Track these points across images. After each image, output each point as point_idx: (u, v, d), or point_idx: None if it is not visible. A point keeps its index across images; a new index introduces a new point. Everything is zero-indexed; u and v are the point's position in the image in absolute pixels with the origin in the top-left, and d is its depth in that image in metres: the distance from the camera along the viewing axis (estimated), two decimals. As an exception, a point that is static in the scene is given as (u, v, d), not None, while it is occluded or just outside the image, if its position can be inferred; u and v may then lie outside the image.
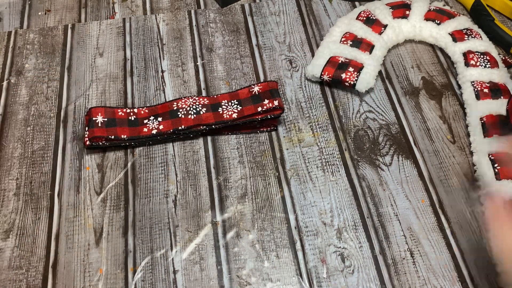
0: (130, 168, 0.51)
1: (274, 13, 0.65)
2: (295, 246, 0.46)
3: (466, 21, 0.60)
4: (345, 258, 0.45)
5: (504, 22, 0.63)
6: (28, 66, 0.59)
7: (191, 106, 0.53)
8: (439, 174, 0.50)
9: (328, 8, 0.66)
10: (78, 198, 0.48)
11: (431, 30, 0.59)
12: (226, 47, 0.61)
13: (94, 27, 0.63)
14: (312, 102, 0.56)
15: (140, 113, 0.53)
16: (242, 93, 0.55)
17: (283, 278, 0.44)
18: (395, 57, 0.60)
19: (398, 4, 0.62)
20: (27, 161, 0.51)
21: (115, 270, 0.44)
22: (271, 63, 0.60)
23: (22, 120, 0.54)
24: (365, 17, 0.61)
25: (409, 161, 0.51)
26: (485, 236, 0.41)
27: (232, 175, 0.50)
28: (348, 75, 0.55)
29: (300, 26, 0.63)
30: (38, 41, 0.62)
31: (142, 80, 0.58)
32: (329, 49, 0.58)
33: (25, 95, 0.57)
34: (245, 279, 0.44)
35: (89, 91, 0.57)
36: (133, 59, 0.60)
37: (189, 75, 0.58)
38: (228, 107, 0.53)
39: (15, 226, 0.47)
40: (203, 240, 0.46)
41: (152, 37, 0.62)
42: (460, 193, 0.49)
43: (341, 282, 0.44)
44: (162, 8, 0.66)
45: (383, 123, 0.54)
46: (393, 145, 0.52)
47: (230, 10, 0.65)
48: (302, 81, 0.58)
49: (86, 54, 0.60)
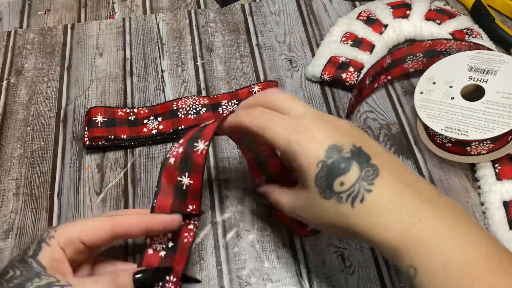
0: (130, 168, 0.50)
1: (274, 13, 0.65)
2: (295, 246, 0.45)
3: (467, 21, 0.60)
4: (345, 258, 0.45)
5: (504, 22, 0.63)
6: (28, 66, 0.59)
7: (191, 106, 0.53)
8: (440, 174, 0.50)
9: (329, 7, 0.65)
10: (78, 198, 0.48)
11: (432, 29, 0.59)
12: (226, 47, 0.61)
13: (93, 27, 0.63)
14: (312, 102, 0.56)
15: (140, 113, 0.53)
16: (242, 93, 0.55)
17: (283, 278, 0.44)
18: (395, 57, 0.60)
19: (399, 3, 0.62)
20: (26, 161, 0.51)
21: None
22: (271, 63, 0.59)
23: (22, 120, 0.54)
24: (366, 16, 0.61)
25: (410, 161, 0.51)
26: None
27: (232, 175, 0.50)
28: (348, 75, 0.55)
29: (300, 26, 0.63)
30: (38, 41, 0.62)
31: (142, 80, 0.58)
32: (330, 49, 0.58)
33: (25, 95, 0.57)
34: (245, 280, 0.44)
35: (89, 91, 0.57)
36: (133, 59, 0.60)
37: (189, 75, 0.58)
38: (228, 107, 0.53)
39: (15, 226, 0.47)
40: (203, 240, 0.46)
41: (152, 37, 0.62)
42: (460, 193, 0.49)
43: (341, 282, 0.43)
44: (162, 8, 0.65)
45: (383, 123, 0.54)
46: (393, 145, 0.52)
47: (230, 10, 0.65)
48: (302, 81, 0.58)
49: (86, 54, 0.60)
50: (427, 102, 0.49)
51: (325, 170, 0.34)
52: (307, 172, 0.34)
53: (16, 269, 0.34)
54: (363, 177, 0.33)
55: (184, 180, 0.39)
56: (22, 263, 0.34)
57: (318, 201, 0.34)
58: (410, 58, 0.54)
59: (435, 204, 0.33)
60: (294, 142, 0.34)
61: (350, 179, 0.33)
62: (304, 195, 0.36)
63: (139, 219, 0.37)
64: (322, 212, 0.34)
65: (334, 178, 0.33)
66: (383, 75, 0.53)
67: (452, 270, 0.30)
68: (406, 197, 0.33)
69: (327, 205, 0.34)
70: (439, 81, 0.50)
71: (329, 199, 0.34)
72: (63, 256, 0.35)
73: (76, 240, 0.36)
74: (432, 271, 0.31)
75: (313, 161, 0.34)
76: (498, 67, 0.49)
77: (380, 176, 0.33)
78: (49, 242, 0.35)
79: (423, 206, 0.32)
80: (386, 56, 0.52)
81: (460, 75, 0.50)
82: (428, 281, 0.31)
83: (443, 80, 0.50)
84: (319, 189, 0.34)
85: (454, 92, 0.49)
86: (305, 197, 0.35)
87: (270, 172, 0.43)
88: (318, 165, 0.34)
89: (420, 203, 0.33)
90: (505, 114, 0.46)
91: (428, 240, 0.31)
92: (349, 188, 0.33)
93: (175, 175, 0.39)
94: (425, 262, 0.31)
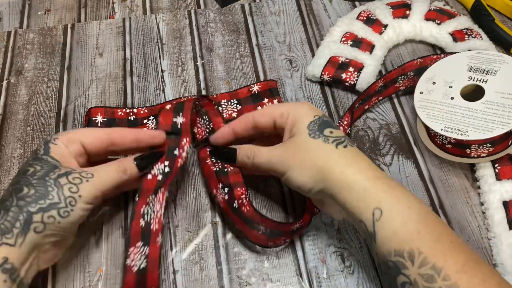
0: (130, 168, 0.50)
1: (274, 13, 0.65)
2: (295, 246, 0.46)
3: (467, 21, 0.60)
4: (345, 258, 0.45)
5: (504, 22, 0.63)
6: (28, 66, 0.59)
7: (191, 106, 0.53)
8: (439, 174, 0.50)
9: (328, 8, 0.65)
10: (78, 198, 0.48)
11: (432, 30, 0.59)
12: (226, 47, 0.61)
13: (93, 27, 0.63)
14: (312, 102, 0.56)
15: (140, 113, 0.53)
16: (242, 92, 0.55)
17: (283, 278, 0.44)
18: (395, 57, 0.60)
19: (399, 4, 0.62)
20: (26, 161, 0.51)
21: (115, 270, 0.44)
22: (271, 63, 0.59)
23: (22, 120, 0.54)
24: (366, 17, 0.61)
25: (409, 161, 0.51)
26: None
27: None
28: (348, 75, 0.55)
29: (300, 26, 0.63)
30: (38, 41, 0.62)
31: (142, 80, 0.58)
32: (329, 49, 0.58)
33: (25, 95, 0.57)
34: (245, 279, 0.44)
35: (89, 91, 0.57)
36: (133, 59, 0.60)
37: (189, 75, 0.58)
38: (227, 106, 0.53)
39: (15, 226, 0.47)
40: (203, 240, 0.46)
41: (152, 37, 0.62)
42: (460, 193, 0.49)
43: (341, 282, 0.43)
44: (162, 8, 0.65)
45: (383, 123, 0.54)
46: (393, 145, 0.52)
47: (230, 10, 0.65)
48: (302, 81, 0.58)
49: (86, 54, 0.60)
50: (427, 102, 0.49)
51: (320, 120, 0.41)
52: (302, 119, 0.41)
53: (35, 165, 0.38)
54: (347, 138, 0.40)
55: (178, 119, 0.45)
56: (38, 160, 0.38)
57: (305, 140, 0.40)
58: (401, 78, 0.54)
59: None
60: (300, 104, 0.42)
61: (338, 133, 0.40)
62: (289, 141, 0.41)
63: (131, 130, 0.44)
64: (305, 150, 0.39)
65: (326, 126, 0.40)
66: (375, 97, 0.54)
67: (414, 213, 0.35)
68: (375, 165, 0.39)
69: (312, 142, 0.39)
70: (439, 81, 0.50)
71: (317, 139, 0.39)
72: (68, 153, 0.40)
73: (77, 141, 0.41)
74: (398, 211, 0.35)
75: (311, 114, 0.41)
76: (498, 67, 0.49)
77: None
78: (55, 142, 0.40)
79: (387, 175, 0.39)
80: (379, 80, 0.53)
81: (459, 75, 0.50)
82: (392, 221, 0.35)
83: (443, 80, 0.50)
84: (309, 131, 0.40)
85: (454, 92, 0.49)
86: (291, 141, 0.41)
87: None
88: (314, 116, 0.41)
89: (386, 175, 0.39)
90: (504, 114, 0.46)
91: (395, 187, 0.37)
92: (337, 136, 0.40)
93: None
94: (393, 201, 0.36)
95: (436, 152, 0.49)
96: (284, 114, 0.42)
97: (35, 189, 0.36)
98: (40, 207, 0.36)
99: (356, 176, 0.37)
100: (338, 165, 0.38)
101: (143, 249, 0.40)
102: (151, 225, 0.41)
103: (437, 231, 0.35)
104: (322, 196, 0.40)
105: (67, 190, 0.37)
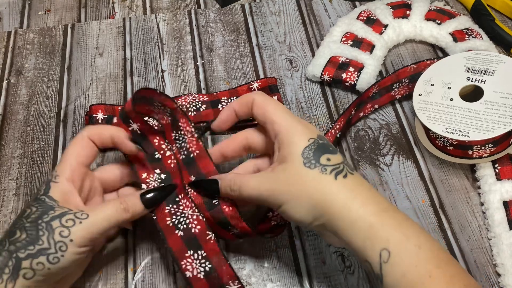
0: (130, 168, 0.50)
1: (274, 13, 0.65)
2: (295, 246, 0.46)
3: (467, 21, 0.60)
4: (345, 258, 0.45)
5: (504, 22, 0.63)
6: (28, 66, 0.59)
7: (190, 103, 0.53)
8: (440, 174, 0.50)
9: (329, 8, 0.65)
10: (78, 198, 0.48)
11: (432, 30, 0.59)
12: (226, 47, 0.61)
13: (94, 27, 0.63)
14: (312, 102, 0.56)
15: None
16: (242, 90, 0.55)
17: (283, 278, 0.44)
18: (395, 57, 0.60)
19: (399, 4, 0.62)
20: (27, 161, 0.51)
21: (115, 270, 0.44)
22: (271, 63, 0.59)
23: (22, 120, 0.54)
24: (366, 17, 0.61)
25: (410, 161, 0.51)
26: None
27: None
28: (348, 75, 0.55)
29: (300, 26, 0.63)
30: (38, 41, 0.62)
31: (142, 80, 0.58)
32: (330, 49, 0.58)
33: (25, 95, 0.57)
34: (245, 279, 0.44)
35: (89, 91, 0.57)
36: (133, 59, 0.60)
37: (189, 75, 0.58)
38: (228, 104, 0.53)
39: (15, 226, 0.47)
40: (203, 240, 0.46)
41: (152, 37, 0.62)
42: (460, 193, 0.49)
43: (341, 282, 0.43)
44: (162, 8, 0.65)
45: (383, 123, 0.54)
46: (393, 145, 0.52)
47: (230, 10, 0.65)
48: (302, 81, 0.58)
49: (86, 54, 0.60)
50: (426, 104, 0.49)
51: (315, 145, 0.37)
52: (296, 144, 0.37)
53: (32, 207, 0.37)
54: (346, 163, 0.37)
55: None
56: (36, 201, 0.37)
57: (299, 170, 0.36)
58: (396, 86, 0.54)
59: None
60: (295, 124, 0.38)
61: (336, 159, 0.36)
62: (281, 168, 0.37)
63: (109, 128, 0.41)
64: (301, 182, 0.36)
65: (322, 153, 0.36)
66: (369, 103, 0.54)
67: (424, 253, 0.32)
68: (379, 194, 0.36)
69: (308, 173, 0.35)
70: (437, 82, 0.50)
71: (313, 169, 0.35)
72: (72, 188, 0.38)
73: (75, 164, 0.39)
74: (407, 251, 0.32)
75: (305, 138, 0.37)
76: (495, 67, 0.49)
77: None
78: (56, 180, 0.38)
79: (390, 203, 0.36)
80: (373, 85, 0.52)
81: (457, 76, 0.50)
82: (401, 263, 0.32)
83: (441, 82, 0.50)
84: (304, 160, 0.36)
85: (453, 94, 0.49)
86: (283, 170, 0.37)
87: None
88: (309, 140, 0.37)
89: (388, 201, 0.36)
90: (505, 114, 0.46)
91: (403, 221, 0.34)
92: (335, 164, 0.36)
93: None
94: (402, 240, 0.33)
95: (437, 154, 0.49)
96: (275, 129, 0.38)
97: (27, 233, 0.35)
98: (29, 253, 0.35)
99: (360, 211, 0.34)
100: (339, 198, 0.34)
101: (198, 254, 0.39)
102: (191, 229, 0.40)
103: (449, 273, 0.32)
104: (323, 229, 0.37)
105: (58, 235, 0.35)
